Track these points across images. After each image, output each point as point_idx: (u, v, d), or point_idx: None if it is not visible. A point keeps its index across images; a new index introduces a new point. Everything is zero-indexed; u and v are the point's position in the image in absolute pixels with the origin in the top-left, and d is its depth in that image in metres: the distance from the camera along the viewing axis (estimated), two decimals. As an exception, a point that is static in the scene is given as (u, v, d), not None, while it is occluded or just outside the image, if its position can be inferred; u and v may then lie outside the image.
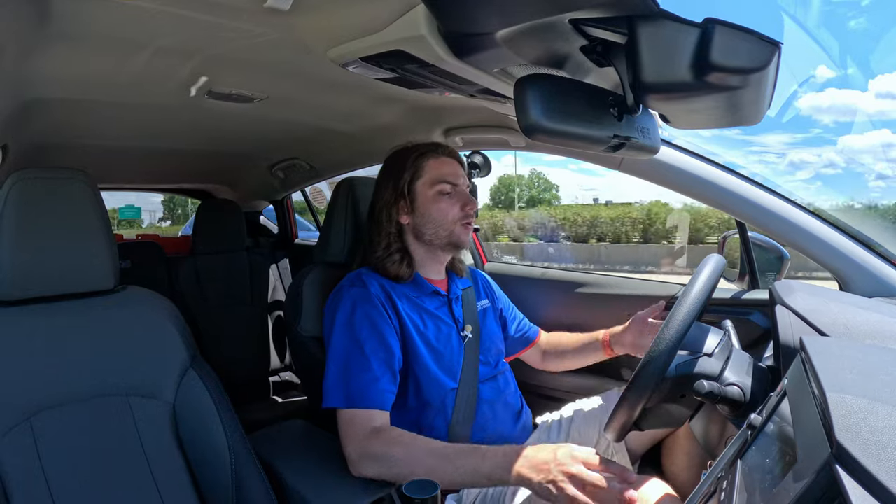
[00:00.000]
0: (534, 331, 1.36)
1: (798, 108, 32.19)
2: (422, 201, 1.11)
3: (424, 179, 1.11)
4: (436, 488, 0.76)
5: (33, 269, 0.83)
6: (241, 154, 1.93)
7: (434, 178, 1.11)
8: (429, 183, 1.11)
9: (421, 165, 1.12)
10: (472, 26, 0.67)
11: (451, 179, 1.11)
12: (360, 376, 0.96)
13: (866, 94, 49.87)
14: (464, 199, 1.12)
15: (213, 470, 0.87)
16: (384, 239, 1.12)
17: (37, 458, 0.77)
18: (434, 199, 1.11)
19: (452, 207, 1.11)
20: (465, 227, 1.12)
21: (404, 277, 1.11)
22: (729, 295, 1.26)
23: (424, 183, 1.11)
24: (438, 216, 1.11)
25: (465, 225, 1.12)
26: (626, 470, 0.77)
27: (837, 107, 51.93)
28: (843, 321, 0.81)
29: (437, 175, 1.11)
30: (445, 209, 1.11)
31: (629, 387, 0.84)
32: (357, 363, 0.97)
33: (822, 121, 52.28)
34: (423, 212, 1.11)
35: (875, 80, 50.30)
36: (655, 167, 1.15)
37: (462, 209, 1.11)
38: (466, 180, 1.15)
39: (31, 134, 1.32)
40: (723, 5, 67.89)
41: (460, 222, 1.11)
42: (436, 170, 1.12)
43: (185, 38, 0.84)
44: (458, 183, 1.13)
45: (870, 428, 0.40)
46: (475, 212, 1.48)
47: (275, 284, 2.36)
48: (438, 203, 1.10)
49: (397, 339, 1.03)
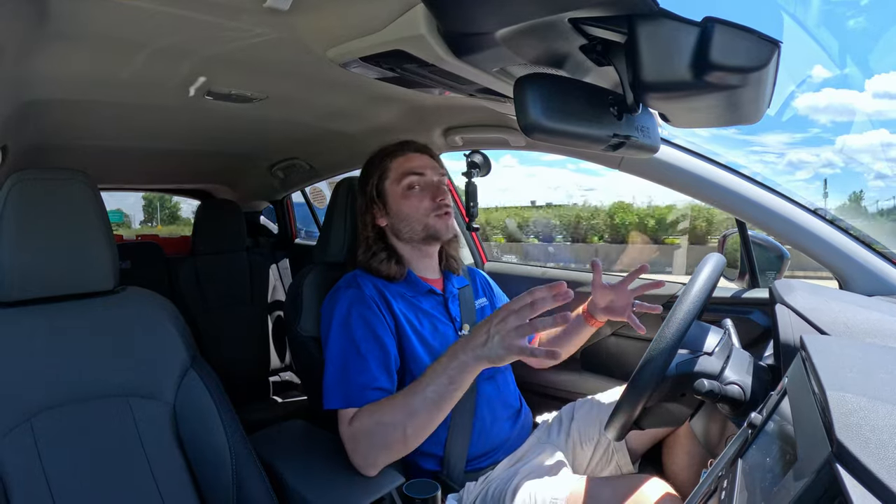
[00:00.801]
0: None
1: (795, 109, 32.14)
2: (393, 200, 1.12)
3: (391, 178, 1.12)
4: (436, 488, 0.77)
5: (33, 269, 0.83)
6: (240, 154, 1.93)
7: (400, 174, 1.11)
8: (396, 181, 1.11)
9: (387, 167, 1.13)
10: (472, 26, 0.67)
11: (416, 171, 1.11)
12: (357, 377, 0.95)
13: (863, 94, 50.01)
14: (433, 189, 1.12)
15: (214, 470, 0.87)
16: (363, 243, 1.14)
17: (37, 459, 0.77)
18: (403, 195, 1.11)
19: (423, 200, 1.11)
20: (439, 218, 1.11)
21: (397, 276, 1.11)
22: (729, 294, 1.26)
23: (392, 182, 1.12)
24: (410, 211, 1.11)
25: (439, 216, 1.11)
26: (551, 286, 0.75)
27: (835, 106, 52.00)
28: (843, 320, 0.81)
29: (402, 171, 1.11)
30: (416, 203, 1.10)
31: (629, 386, 0.84)
32: (354, 364, 0.97)
33: (819, 120, 52.33)
34: (396, 210, 1.12)
35: (872, 80, 50.43)
36: (655, 166, 1.15)
37: (433, 200, 1.11)
38: (438, 171, 1.14)
39: (30, 135, 1.32)
40: (723, 4, 67.93)
41: (433, 213, 1.11)
42: (401, 166, 1.12)
43: (185, 38, 0.84)
44: (426, 174, 1.12)
45: (870, 426, 0.40)
46: (475, 213, 1.48)
47: (275, 284, 2.36)
48: (408, 199, 1.10)
49: (393, 339, 1.03)
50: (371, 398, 0.94)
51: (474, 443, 1.07)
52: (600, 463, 1.15)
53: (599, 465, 1.15)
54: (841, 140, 31.46)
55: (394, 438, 0.87)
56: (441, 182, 1.14)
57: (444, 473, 1.05)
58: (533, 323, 0.74)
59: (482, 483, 1.05)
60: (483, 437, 1.09)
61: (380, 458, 0.89)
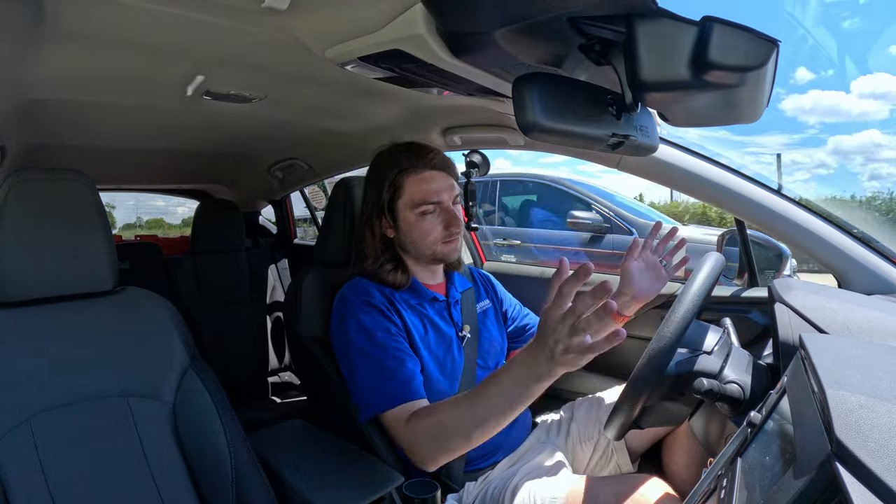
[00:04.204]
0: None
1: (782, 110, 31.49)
2: (403, 221, 1.09)
3: (405, 200, 1.07)
4: (435, 488, 0.77)
5: (32, 270, 0.83)
6: (239, 154, 1.92)
7: (415, 199, 1.06)
8: (409, 205, 1.07)
9: (401, 185, 1.07)
10: (470, 25, 0.67)
11: (432, 199, 1.06)
12: (397, 375, 0.95)
13: (849, 96, 50.14)
14: (447, 217, 1.08)
15: (213, 470, 0.87)
16: (372, 253, 1.12)
17: (37, 459, 0.76)
18: (416, 220, 1.07)
19: (435, 228, 1.08)
20: (447, 244, 1.10)
21: (402, 284, 1.10)
22: (728, 293, 1.26)
23: (405, 204, 1.07)
24: (420, 235, 1.08)
25: (447, 241, 1.09)
26: (600, 285, 0.64)
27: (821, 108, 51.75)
28: (842, 318, 0.81)
29: (417, 196, 1.06)
30: (428, 229, 1.07)
31: (628, 385, 0.84)
32: (390, 365, 0.96)
33: (808, 122, 52.03)
34: (406, 231, 1.09)
35: (857, 82, 50.56)
36: (654, 165, 1.15)
37: (446, 228, 1.08)
38: (453, 191, 1.10)
39: (29, 135, 1.32)
40: (722, 4, 67.68)
41: (442, 241, 1.09)
42: (416, 189, 1.06)
43: (184, 38, 0.84)
44: (442, 200, 1.07)
45: (869, 425, 0.41)
46: (474, 212, 1.48)
47: (274, 285, 2.36)
48: (420, 224, 1.07)
49: (407, 343, 1.03)
50: (419, 391, 0.94)
51: (473, 444, 1.07)
52: (600, 462, 1.15)
53: (599, 464, 1.15)
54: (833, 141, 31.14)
55: (459, 441, 0.86)
56: (455, 206, 1.10)
57: (444, 473, 1.04)
58: (577, 312, 0.65)
59: (481, 483, 1.05)
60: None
61: (441, 457, 0.89)
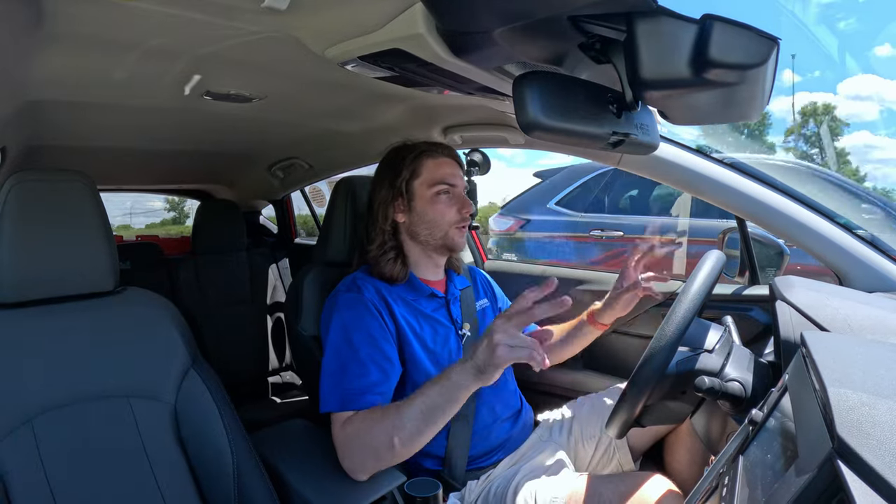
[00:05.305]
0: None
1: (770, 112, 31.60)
2: (419, 202, 1.11)
3: (422, 179, 1.11)
4: (437, 487, 0.77)
5: (33, 271, 0.83)
6: (239, 154, 1.92)
7: (432, 178, 1.10)
8: (427, 183, 1.10)
9: (419, 165, 1.11)
10: (470, 24, 0.67)
11: (449, 181, 1.11)
12: (354, 381, 0.95)
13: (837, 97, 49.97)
14: (461, 201, 1.12)
15: (215, 470, 0.87)
16: (379, 236, 1.12)
17: (38, 460, 0.77)
18: (431, 200, 1.10)
19: (450, 209, 1.10)
20: (459, 230, 1.12)
21: (399, 278, 1.10)
22: (729, 291, 1.26)
23: (422, 183, 1.11)
24: (435, 217, 1.10)
25: (459, 228, 1.12)
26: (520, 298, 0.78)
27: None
28: (843, 316, 0.81)
29: (435, 176, 1.10)
30: (443, 210, 1.10)
31: (630, 384, 0.85)
32: (352, 368, 0.96)
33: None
34: (420, 211, 1.11)
35: (843, 84, 50.35)
36: (655, 163, 1.15)
37: (459, 212, 1.11)
38: (464, 182, 1.15)
39: (29, 136, 1.32)
40: (722, 4, 67.31)
41: (455, 225, 1.11)
42: (434, 170, 1.11)
43: (183, 38, 0.83)
44: (456, 184, 1.12)
45: (871, 422, 0.41)
46: (475, 211, 1.48)
47: (275, 284, 2.36)
48: (436, 204, 1.10)
49: (393, 344, 1.02)
50: (367, 402, 0.93)
51: (475, 444, 1.07)
52: (602, 461, 1.15)
53: (601, 463, 1.15)
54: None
55: (383, 447, 0.87)
56: (469, 192, 1.16)
57: (446, 472, 1.05)
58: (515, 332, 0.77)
59: (484, 482, 1.05)
60: (483, 439, 1.09)
61: (368, 463, 0.89)
